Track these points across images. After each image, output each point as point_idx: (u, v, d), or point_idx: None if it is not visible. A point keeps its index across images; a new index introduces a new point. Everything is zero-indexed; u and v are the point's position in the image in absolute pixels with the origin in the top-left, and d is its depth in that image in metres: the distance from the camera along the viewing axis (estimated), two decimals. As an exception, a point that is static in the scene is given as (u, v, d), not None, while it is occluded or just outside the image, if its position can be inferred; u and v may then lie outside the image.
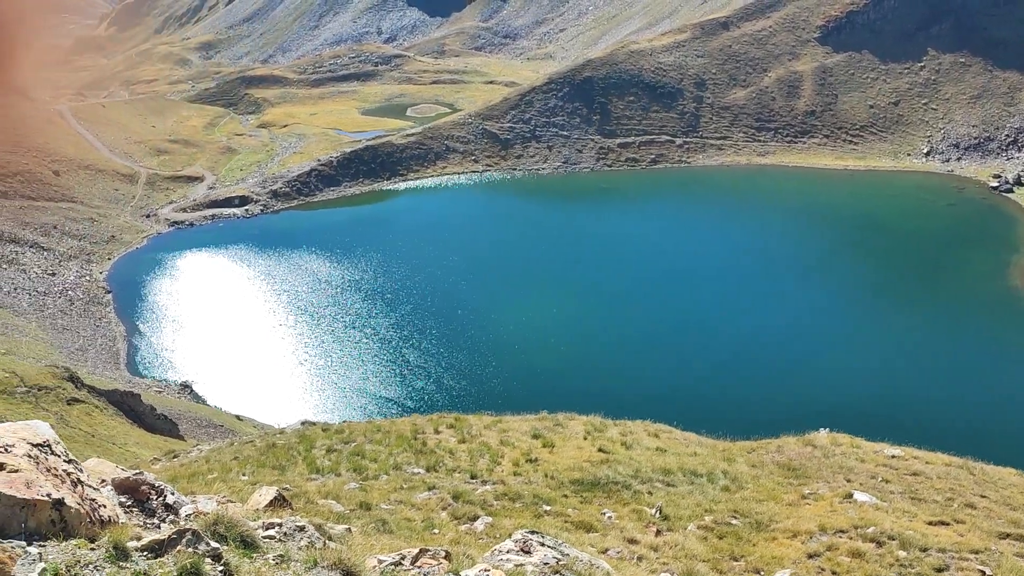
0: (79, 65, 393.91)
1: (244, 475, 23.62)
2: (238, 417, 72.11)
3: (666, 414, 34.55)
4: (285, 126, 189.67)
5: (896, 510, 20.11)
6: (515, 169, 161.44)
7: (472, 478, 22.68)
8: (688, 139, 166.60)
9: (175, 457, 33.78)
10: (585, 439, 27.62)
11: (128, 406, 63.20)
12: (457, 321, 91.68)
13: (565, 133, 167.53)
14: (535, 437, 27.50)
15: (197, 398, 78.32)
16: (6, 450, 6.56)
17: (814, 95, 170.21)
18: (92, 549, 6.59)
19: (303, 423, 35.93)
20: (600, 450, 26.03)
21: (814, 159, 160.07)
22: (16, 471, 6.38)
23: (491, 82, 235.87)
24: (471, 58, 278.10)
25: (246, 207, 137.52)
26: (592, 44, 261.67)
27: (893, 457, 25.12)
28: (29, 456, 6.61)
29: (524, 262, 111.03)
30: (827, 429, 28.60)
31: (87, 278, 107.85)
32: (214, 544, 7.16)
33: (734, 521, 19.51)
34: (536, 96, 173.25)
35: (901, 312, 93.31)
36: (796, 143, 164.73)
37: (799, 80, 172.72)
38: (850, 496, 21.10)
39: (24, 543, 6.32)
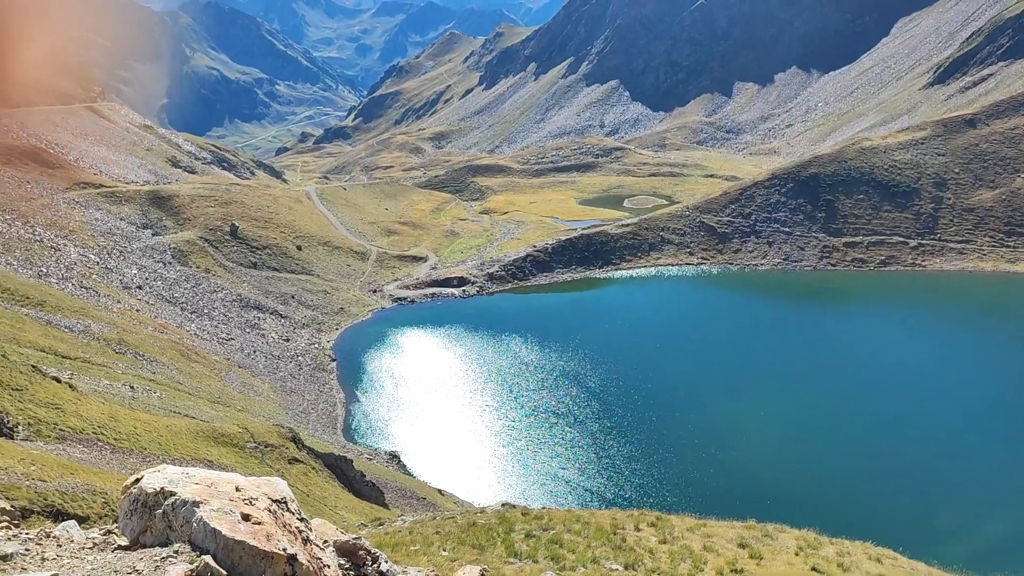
0: (327, 151, 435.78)
1: (444, 550, 24.01)
2: (440, 491, 73.69)
3: (889, 537, 31.54)
4: (505, 213, 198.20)
5: None
6: (731, 264, 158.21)
7: (673, 582, 21.68)
8: (923, 241, 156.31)
9: (380, 525, 35.02)
10: (797, 555, 25.76)
11: (340, 470, 66.23)
12: (662, 415, 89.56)
13: (787, 229, 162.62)
14: (741, 546, 26.02)
15: (404, 468, 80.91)
16: (251, 503, 7.00)
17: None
18: (316, 608, 6.82)
19: (503, 504, 36.09)
20: (813, 569, 24.13)
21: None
22: (259, 523, 6.77)
23: (711, 176, 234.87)
24: (691, 152, 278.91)
25: (463, 288, 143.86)
26: (820, 140, 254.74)
27: None
28: (269, 511, 7.01)
29: (737, 359, 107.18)
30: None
31: (316, 346, 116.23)
32: (425, 618, 7.21)
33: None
34: (758, 191, 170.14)
35: None
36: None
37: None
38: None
39: (262, 593, 6.65)
